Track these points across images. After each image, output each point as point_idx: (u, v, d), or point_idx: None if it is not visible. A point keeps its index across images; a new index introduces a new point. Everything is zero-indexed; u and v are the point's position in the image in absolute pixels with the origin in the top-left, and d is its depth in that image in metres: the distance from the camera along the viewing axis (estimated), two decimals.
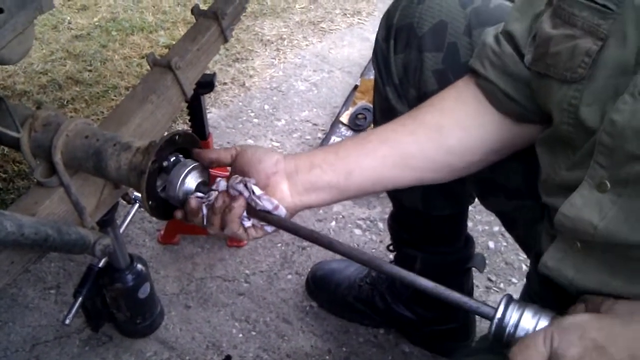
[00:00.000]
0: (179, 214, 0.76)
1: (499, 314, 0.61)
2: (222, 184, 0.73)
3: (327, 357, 1.27)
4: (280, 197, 0.73)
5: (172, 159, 0.74)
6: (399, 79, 0.91)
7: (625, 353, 0.54)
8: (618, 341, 0.55)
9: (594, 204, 0.59)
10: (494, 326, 0.61)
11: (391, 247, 1.24)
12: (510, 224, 0.96)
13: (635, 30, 0.56)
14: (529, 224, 0.87)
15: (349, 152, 0.76)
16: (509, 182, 0.87)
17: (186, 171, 0.72)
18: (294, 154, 0.77)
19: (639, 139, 0.54)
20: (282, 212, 0.72)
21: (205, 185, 0.74)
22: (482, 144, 0.77)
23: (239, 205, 0.70)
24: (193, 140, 0.78)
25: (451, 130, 0.76)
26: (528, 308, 0.61)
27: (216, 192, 0.72)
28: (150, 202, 0.73)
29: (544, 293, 0.76)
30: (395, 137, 0.76)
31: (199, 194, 0.73)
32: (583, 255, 0.63)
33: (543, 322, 0.60)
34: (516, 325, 0.60)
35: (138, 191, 0.73)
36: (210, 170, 0.78)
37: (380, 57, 0.94)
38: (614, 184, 0.58)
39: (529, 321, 0.60)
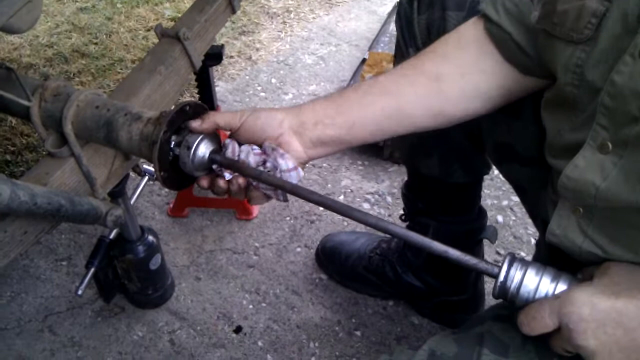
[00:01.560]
0: (204, 183, 0.76)
1: (502, 272, 0.63)
2: (250, 157, 0.73)
3: (337, 328, 1.29)
4: (295, 152, 0.74)
5: (185, 128, 0.74)
6: (422, 40, 0.91)
7: (636, 322, 0.55)
8: (630, 311, 0.55)
9: (596, 166, 0.59)
10: (498, 285, 0.63)
11: (403, 217, 1.24)
12: (522, 192, 0.96)
13: None
14: (538, 193, 0.87)
15: (350, 105, 0.76)
16: (524, 149, 0.87)
17: (198, 139, 0.72)
18: (297, 107, 0.77)
19: (637, 100, 0.54)
20: (300, 173, 0.73)
21: (218, 153, 0.74)
22: (480, 91, 0.76)
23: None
24: (203, 110, 0.78)
25: (449, 78, 0.76)
26: (531, 266, 0.62)
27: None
28: (162, 173, 0.73)
29: (553, 259, 0.76)
30: (395, 89, 0.77)
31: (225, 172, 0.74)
32: (586, 220, 0.63)
33: (545, 280, 0.61)
34: (519, 284, 0.62)
35: (150, 161, 0.73)
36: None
37: (404, 19, 0.94)
38: (615, 146, 0.58)
39: (532, 279, 0.62)
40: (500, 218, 1.55)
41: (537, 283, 0.61)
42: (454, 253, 0.65)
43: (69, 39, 2.18)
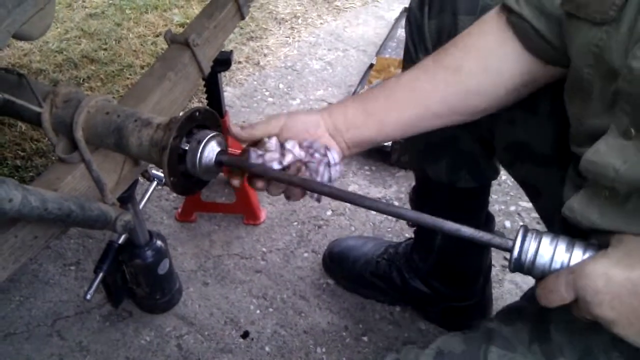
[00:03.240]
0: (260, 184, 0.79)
1: (517, 245, 0.63)
2: (296, 150, 0.76)
3: (344, 333, 1.28)
4: (337, 152, 0.79)
5: (190, 131, 0.75)
6: (433, 44, 0.91)
7: None
8: None
9: (617, 151, 0.59)
10: (513, 258, 0.63)
11: (411, 223, 1.24)
12: (534, 194, 0.95)
13: None
14: (553, 194, 0.87)
15: (377, 109, 0.80)
16: (540, 146, 0.86)
17: (205, 141, 0.73)
18: (329, 110, 0.81)
19: None
20: (342, 168, 0.80)
21: (224, 153, 0.75)
22: (503, 80, 0.77)
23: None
24: (212, 116, 0.78)
25: (470, 71, 0.77)
26: (545, 237, 0.63)
27: (291, 156, 0.75)
28: (172, 178, 0.73)
29: None
30: (418, 87, 0.79)
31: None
32: (609, 202, 0.63)
33: (560, 248, 0.61)
34: (534, 256, 0.62)
35: (159, 167, 0.74)
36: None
37: (414, 24, 0.94)
38: (637, 131, 0.57)
39: (547, 249, 0.62)
40: (507, 223, 1.54)
41: (552, 253, 0.62)
42: (466, 230, 0.65)
43: (78, 45, 2.20)
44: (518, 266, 0.63)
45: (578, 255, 0.61)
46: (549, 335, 0.69)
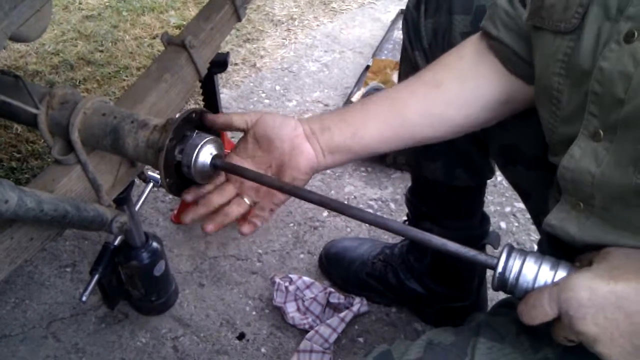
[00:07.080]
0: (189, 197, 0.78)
1: (501, 263, 0.62)
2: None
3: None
4: (307, 157, 0.76)
5: (187, 134, 0.75)
6: (429, 43, 0.93)
7: (636, 305, 0.55)
8: (630, 295, 0.55)
9: (590, 154, 0.60)
10: (496, 276, 0.63)
11: (407, 222, 1.24)
12: (526, 197, 0.96)
13: None
14: (543, 197, 0.88)
15: (354, 114, 0.79)
16: (529, 149, 0.87)
17: (201, 144, 0.73)
18: (307, 118, 0.80)
19: (624, 82, 0.55)
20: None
21: (220, 158, 0.75)
22: (479, 96, 0.78)
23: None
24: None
25: (448, 83, 0.78)
26: (529, 256, 0.62)
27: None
28: (167, 180, 0.73)
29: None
30: (396, 96, 0.80)
31: None
32: (585, 215, 0.64)
33: (544, 269, 0.61)
34: (518, 274, 0.61)
35: (156, 168, 0.74)
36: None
37: (410, 23, 0.96)
38: (605, 132, 0.59)
39: (531, 269, 0.61)
40: (503, 224, 1.55)
41: (535, 272, 0.61)
42: (452, 246, 0.64)
43: (74, 47, 2.20)
44: (501, 284, 0.63)
45: (562, 274, 0.60)
46: (536, 327, 0.69)
